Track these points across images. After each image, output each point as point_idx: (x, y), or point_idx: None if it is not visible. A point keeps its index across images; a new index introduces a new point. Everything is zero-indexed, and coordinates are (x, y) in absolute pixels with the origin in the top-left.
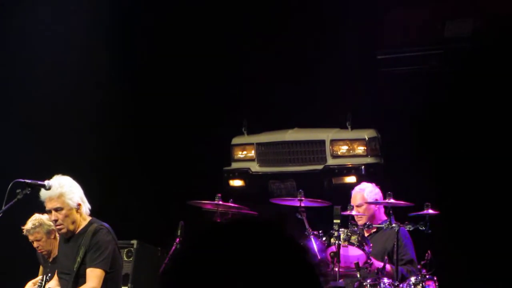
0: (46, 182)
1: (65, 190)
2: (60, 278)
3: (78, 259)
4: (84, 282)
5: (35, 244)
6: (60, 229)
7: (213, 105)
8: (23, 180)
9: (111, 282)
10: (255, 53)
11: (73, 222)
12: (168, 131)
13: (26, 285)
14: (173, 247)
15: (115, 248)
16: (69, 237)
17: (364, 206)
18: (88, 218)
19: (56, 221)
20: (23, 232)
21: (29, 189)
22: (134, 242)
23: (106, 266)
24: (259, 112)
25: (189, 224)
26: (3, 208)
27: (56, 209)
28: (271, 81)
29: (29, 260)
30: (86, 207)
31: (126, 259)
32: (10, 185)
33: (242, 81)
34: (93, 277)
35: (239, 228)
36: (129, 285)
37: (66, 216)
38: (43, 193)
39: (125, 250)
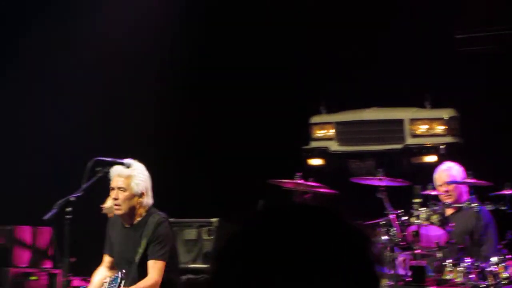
0: (125, 160)
1: (134, 174)
2: (117, 265)
3: (140, 250)
4: (145, 272)
5: None
6: (116, 209)
7: (292, 83)
8: (103, 159)
9: (172, 269)
10: (334, 31)
11: (131, 208)
12: (248, 110)
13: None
14: None
15: (174, 239)
16: (127, 226)
17: (453, 185)
18: (148, 209)
19: (116, 199)
20: (103, 210)
21: (109, 167)
22: (215, 220)
23: (167, 258)
24: (337, 90)
25: (269, 202)
26: (84, 186)
27: (120, 188)
28: (349, 60)
29: None
30: (149, 199)
31: (206, 237)
32: (91, 163)
33: (320, 59)
34: (156, 269)
35: (294, 213)
36: (210, 263)
37: (127, 199)
38: (113, 170)
39: (206, 228)
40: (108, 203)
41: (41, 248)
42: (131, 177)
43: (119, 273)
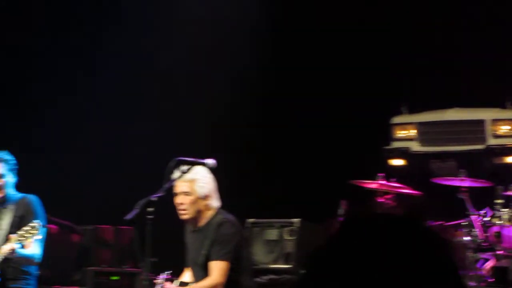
0: (206, 160)
1: (197, 177)
2: (191, 268)
3: (204, 252)
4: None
5: None
6: (182, 214)
7: (374, 84)
8: (184, 159)
9: (234, 273)
10: (415, 31)
11: (198, 211)
12: (330, 111)
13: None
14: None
15: (239, 240)
16: (195, 229)
17: None
18: (215, 211)
19: (181, 204)
20: None
21: (190, 167)
22: (297, 220)
23: (230, 258)
24: (419, 91)
25: (351, 203)
26: (165, 186)
27: (184, 193)
28: (431, 60)
29: None
30: (214, 201)
31: (288, 237)
32: (172, 163)
33: (402, 59)
34: (217, 269)
35: (381, 223)
36: (292, 263)
37: (192, 202)
38: (176, 175)
39: (288, 228)
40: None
41: (123, 248)
42: (194, 181)
43: (164, 274)
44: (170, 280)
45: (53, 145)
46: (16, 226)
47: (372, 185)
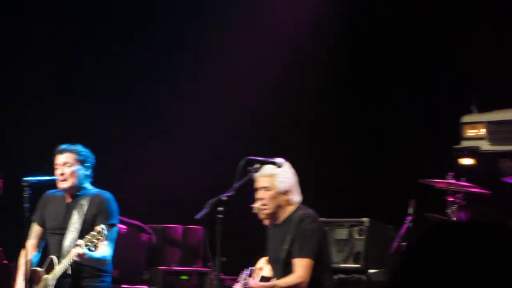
0: (277, 160)
1: (277, 172)
2: (270, 264)
3: (285, 247)
4: (291, 270)
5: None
6: (263, 210)
7: (443, 82)
8: (254, 158)
9: (320, 268)
10: (483, 28)
11: (278, 207)
12: (399, 109)
13: (259, 261)
14: (405, 226)
15: (320, 235)
16: (276, 224)
17: None
18: (296, 206)
19: (262, 199)
20: (254, 210)
21: (260, 166)
22: (366, 220)
23: (314, 254)
24: (489, 90)
25: (420, 202)
26: (235, 185)
27: (264, 188)
28: (501, 58)
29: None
30: (295, 196)
31: (357, 237)
32: (242, 162)
33: (471, 58)
34: (301, 266)
35: (468, 230)
36: (361, 262)
37: (272, 198)
38: (250, 174)
39: (357, 228)
40: (258, 203)
41: (192, 247)
42: (275, 176)
43: (248, 270)
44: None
45: (123, 143)
46: (89, 224)
47: (442, 184)
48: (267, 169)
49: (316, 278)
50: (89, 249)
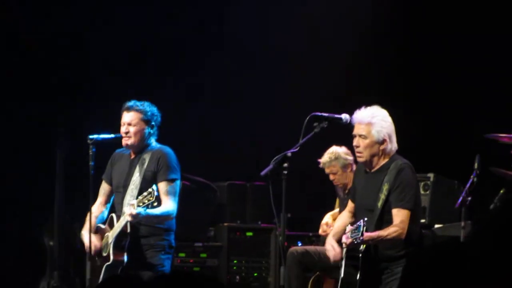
0: (343, 116)
1: (375, 121)
2: (358, 211)
3: (383, 197)
4: (389, 218)
5: (331, 177)
6: (359, 157)
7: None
8: (320, 114)
9: (412, 219)
10: None
11: (374, 155)
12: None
13: (324, 216)
14: (470, 181)
15: (417, 187)
16: (370, 172)
17: None
18: (391, 155)
19: (357, 147)
20: (320, 165)
21: (326, 122)
22: (431, 175)
23: (412, 206)
24: None
25: (486, 157)
26: (300, 141)
27: (361, 135)
28: None
29: (328, 193)
30: (392, 145)
31: (423, 192)
32: (308, 118)
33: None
34: (400, 217)
35: None
36: (426, 218)
37: (368, 146)
38: (354, 117)
39: (422, 183)
40: (325, 157)
41: (258, 204)
42: (371, 124)
43: (361, 221)
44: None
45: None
46: (149, 181)
47: (507, 138)
48: (366, 116)
49: (410, 230)
50: (144, 209)
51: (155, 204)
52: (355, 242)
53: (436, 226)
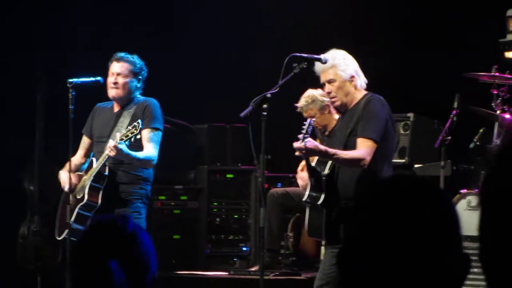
0: (322, 56)
1: (337, 62)
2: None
3: (351, 125)
4: (352, 146)
5: None
6: (334, 102)
7: None
8: (299, 55)
9: (381, 155)
10: None
11: (347, 95)
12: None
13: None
14: (450, 120)
15: (387, 119)
16: (345, 111)
17: None
18: (364, 92)
19: (329, 93)
20: (297, 109)
21: (305, 63)
22: (411, 115)
23: (377, 137)
24: None
25: (465, 96)
26: (280, 82)
27: (329, 81)
28: None
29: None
30: (361, 80)
31: (402, 132)
32: (287, 59)
33: None
34: (363, 146)
35: None
36: (406, 158)
37: (339, 88)
38: (317, 66)
39: (402, 123)
40: (302, 101)
41: (237, 146)
42: (335, 66)
43: (308, 119)
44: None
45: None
46: None
47: (487, 77)
48: (327, 62)
49: (375, 164)
50: (125, 144)
51: (138, 137)
52: (300, 139)
53: (416, 166)
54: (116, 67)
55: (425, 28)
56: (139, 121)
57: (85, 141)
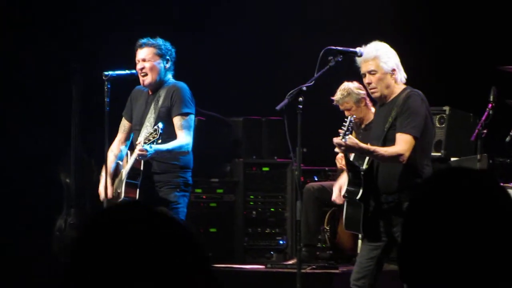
0: (357, 49)
1: (379, 54)
2: (371, 144)
3: (390, 119)
4: (392, 140)
5: (346, 114)
6: (373, 93)
7: None
8: (334, 48)
9: (421, 150)
10: None
11: (387, 87)
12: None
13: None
14: (486, 113)
15: (427, 115)
16: (383, 104)
17: None
18: (403, 86)
19: (369, 84)
20: (333, 102)
21: (341, 56)
22: (446, 108)
23: (417, 133)
24: None
25: (501, 89)
26: (315, 75)
27: (370, 72)
28: None
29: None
30: (401, 74)
31: (438, 125)
32: (322, 52)
33: None
34: (402, 141)
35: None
36: (442, 151)
37: (380, 79)
38: (358, 58)
39: (437, 116)
40: (338, 94)
41: (273, 138)
42: (378, 58)
43: (349, 117)
44: None
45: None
46: (163, 118)
47: None
48: (370, 52)
49: (415, 159)
50: (150, 146)
51: (159, 141)
52: (341, 136)
53: (452, 159)
54: (140, 53)
55: (461, 22)
56: (160, 124)
57: (125, 124)
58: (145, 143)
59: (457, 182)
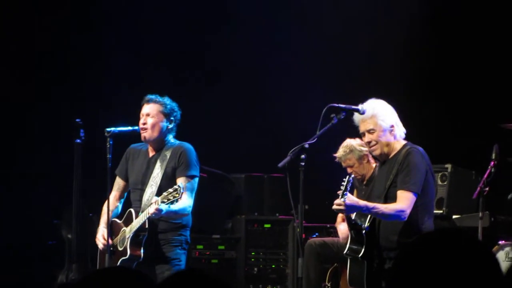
0: (360, 107)
1: (377, 112)
2: (373, 200)
3: (391, 177)
4: (393, 197)
5: (348, 170)
6: (373, 151)
7: None
8: (337, 105)
9: (421, 207)
10: None
11: (387, 145)
12: (477, 53)
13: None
14: (488, 171)
15: (427, 170)
16: (384, 161)
17: None
18: (403, 142)
19: (369, 143)
20: (336, 159)
21: (343, 113)
22: (448, 166)
23: (417, 189)
24: None
25: (503, 147)
26: (318, 132)
27: (369, 131)
28: None
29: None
30: (400, 130)
31: (440, 183)
32: (325, 109)
33: None
34: (403, 198)
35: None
36: (443, 209)
37: (379, 137)
38: (356, 116)
39: (439, 174)
40: (340, 151)
41: (275, 195)
42: (375, 116)
43: (347, 176)
44: None
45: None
46: (169, 178)
47: None
48: (366, 112)
49: (416, 215)
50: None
51: (180, 201)
52: (340, 196)
53: (454, 216)
54: (145, 108)
55: (463, 79)
56: (180, 184)
57: (119, 182)
58: (162, 202)
59: (437, 245)
